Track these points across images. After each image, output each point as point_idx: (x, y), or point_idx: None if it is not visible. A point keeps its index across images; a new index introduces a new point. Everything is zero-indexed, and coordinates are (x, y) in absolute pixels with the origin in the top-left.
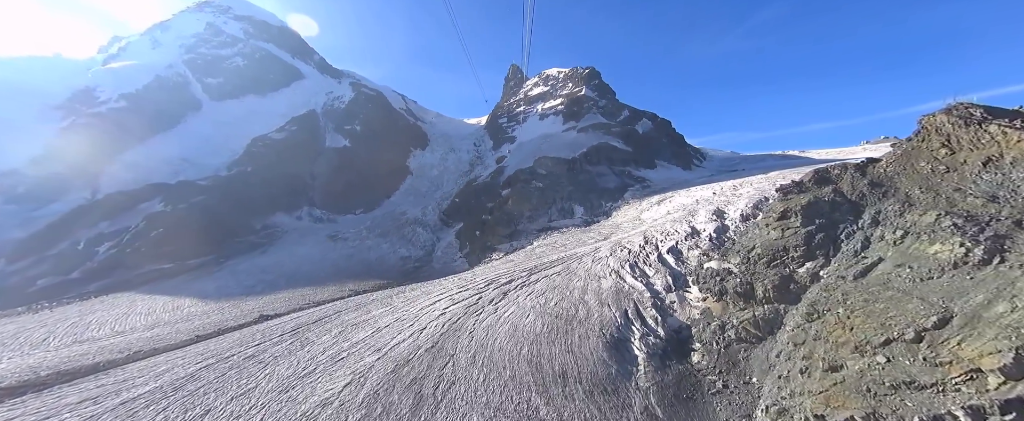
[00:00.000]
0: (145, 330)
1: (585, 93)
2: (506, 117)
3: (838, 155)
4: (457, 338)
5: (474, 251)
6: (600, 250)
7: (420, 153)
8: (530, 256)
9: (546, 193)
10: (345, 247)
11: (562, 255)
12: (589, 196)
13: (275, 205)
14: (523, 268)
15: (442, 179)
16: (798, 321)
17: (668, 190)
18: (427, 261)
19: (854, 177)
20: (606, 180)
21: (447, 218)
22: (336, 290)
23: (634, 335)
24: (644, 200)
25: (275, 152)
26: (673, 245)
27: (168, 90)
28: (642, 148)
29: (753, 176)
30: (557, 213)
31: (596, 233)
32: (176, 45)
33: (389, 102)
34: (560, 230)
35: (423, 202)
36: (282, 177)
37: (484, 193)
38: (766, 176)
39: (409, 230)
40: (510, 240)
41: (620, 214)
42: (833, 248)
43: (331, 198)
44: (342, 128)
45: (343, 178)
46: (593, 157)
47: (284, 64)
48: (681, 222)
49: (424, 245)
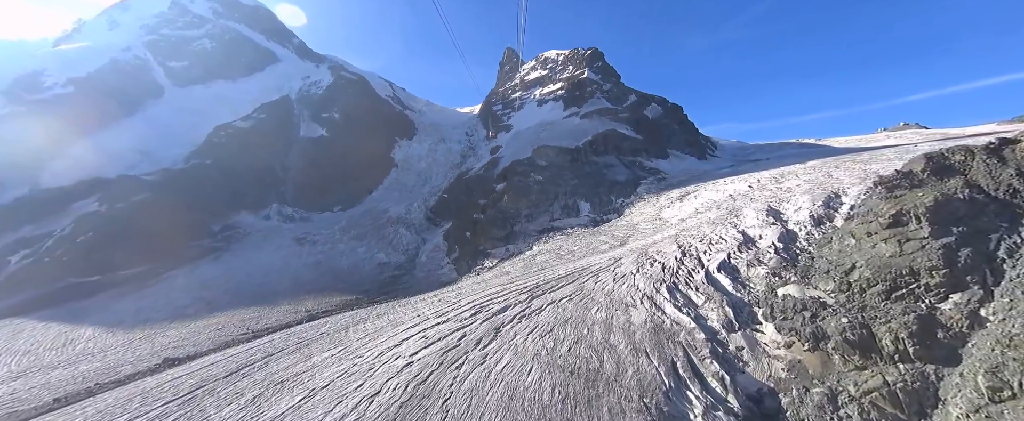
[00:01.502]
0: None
1: (587, 76)
2: (501, 104)
3: (862, 143)
4: (424, 414)
5: (464, 256)
6: (622, 262)
7: (406, 144)
8: (530, 267)
9: (547, 187)
10: (313, 252)
11: (571, 268)
12: (597, 191)
13: (239, 202)
14: (522, 286)
15: (430, 172)
16: (973, 399)
17: (689, 183)
18: (408, 268)
19: (990, 164)
20: (615, 172)
21: (435, 216)
22: (288, 311)
23: (693, 408)
24: (662, 195)
25: (239, 142)
26: (724, 259)
27: (124, 74)
28: (653, 136)
29: (789, 166)
30: (560, 211)
31: (609, 236)
32: (136, 26)
33: (373, 88)
34: (564, 231)
35: (408, 198)
36: (247, 170)
37: (476, 188)
38: (808, 165)
39: (390, 231)
40: (506, 243)
41: (635, 212)
42: (991, 272)
43: (305, 194)
44: (319, 116)
45: (319, 171)
46: (599, 146)
47: (258, 47)
48: (724, 225)
49: (406, 249)
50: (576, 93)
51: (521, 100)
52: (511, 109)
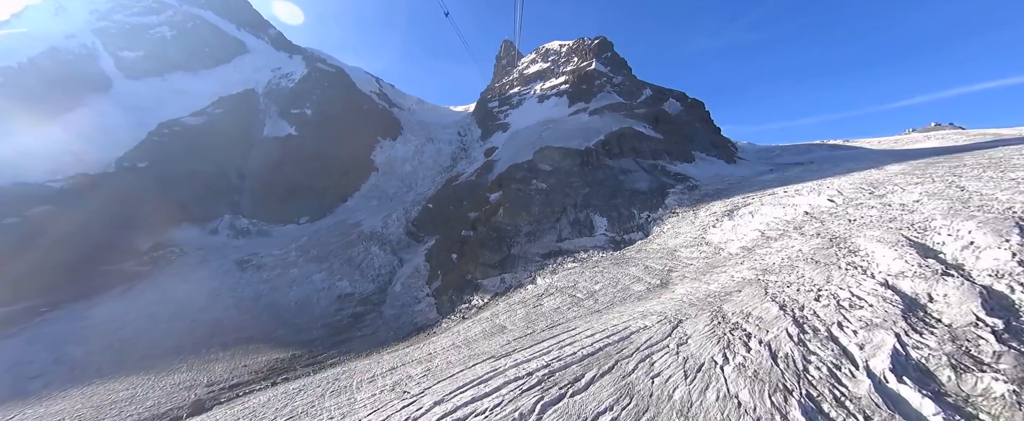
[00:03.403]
0: None
1: (596, 68)
2: (497, 100)
3: (894, 145)
4: None
5: (448, 287)
6: (686, 332)
7: (389, 144)
8: (534, 319)
9: (552, 198)
10: (256, 281)
11: (599, 334)
12: (614, 202)
13: (180, 214)
14: (524, 368)
15: (415, 177)
16: None
17: (730, 193)
18: (377, 303)
19: None
20: (634, 178)
21: (417, 230)
22: (179, 385)
23: None
24: (700, 209)
25: (185, 142)
26: (894, 349)
27: (64, 64)
28: (674, 135)
29: (858, 171)
30: (569, 227)
31: (641, 268)
32: (85, 11)
33: (352, 81)
34: (576, 256)
35: (388, 208)
36: (194, 175)
37: (467, 196)
38: (890, 171)
39: (360, 250)
40: (501, 270)
41: (668, 232)
42: None
43: (265, 203)
44: (288, 112)
45: (283, 176)
46: (613, 147)
47: (225, 36)
48: (839, 268)
49: (378, 274)
50: (583, 87)
51: (520, 96)
52: (508, 106)
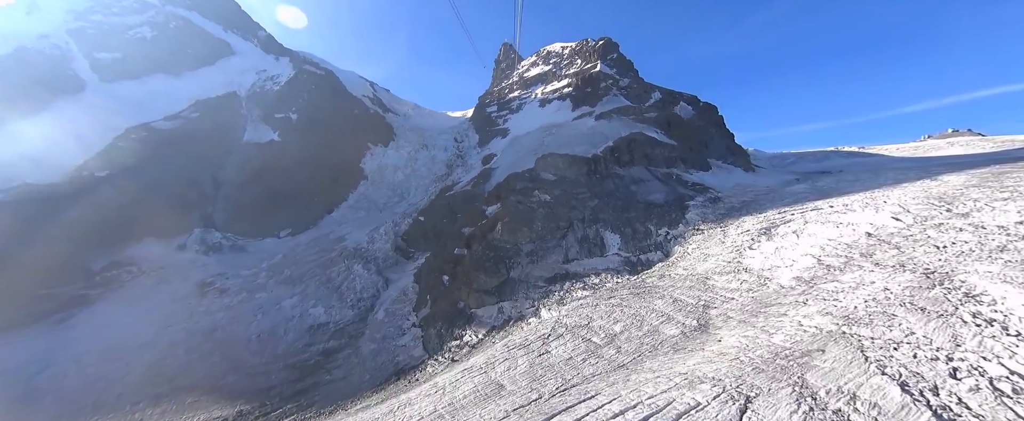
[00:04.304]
0: None
1: (601, 69)
2: (496, 105)
3: (915, 151)
4: None
5: (437, 317)
6: None
7: (380, 151)
8: (539, 374)
9: (557, 211)
10: (215, 307)
11: (631, 412)
12: (627, 216)
13: (145, 228)
14: None
15: (408, 186)
16: None
17: (760, 207)
18: (354, 335)
19: None
20: (648, 189)
21: (406, 246)
22: None
23: None
24: (728, 225)
25: (155, 149)
26: None
27: (32, 66)
28: (689, 141)
29: (913, 181)
30: (577, 246)
31: (669, 301)
32: (61, 11)
33: (342, 84)
34: (586, 282)
35: (376, 220)
36: (163, 185)
37: (462, 208)
38: (948, 182)
39: (341, 270)
40: (498, 298)
41: (694, 253)
42: None
43: (242, 214)
44: (272, 117)
45: (263, 185)
46: (623, 154)
47: (211, 38)
48: (982, 329)
49: (359, 298)
50: (587, 90)
51: (520, 100)
52: (508, 111)
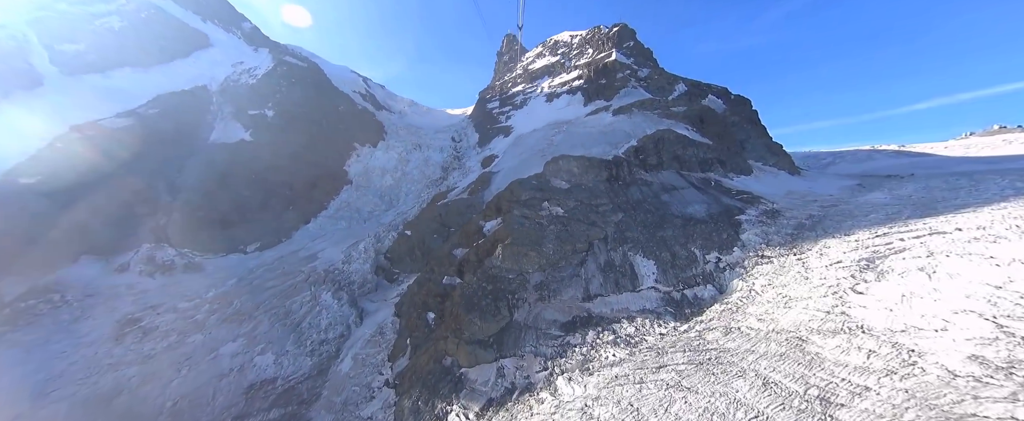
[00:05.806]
0: None
1: (617, 59)
2: (498, 100)
3: (967, 151)
4: None
5: (415, 379)
6: None
7: (368, 152)
8: None
9: (572, 228)
10: (129, 358)
11: None
12: (661, 235)
13: (83, 243)
14: None
15: (397, 192)
16: None
17: (839, 225)
18: (308, 397)
19: None
20: (684, 199)
21: (390, 266)
22: None
23: None
24: (806, 253)
25: (101, 150)
26: None
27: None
28: (724, 140)
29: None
30: (600, 276)
31: (758, 388)
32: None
33: (327, 77)
34: (618, 333)
35: (357, 233)
36: (106, 193)
37: (456, 221)
38: None
39: (305, 299)
40: (498, 353)
41: (765, 292)
42: None
43: (203, 226)
44: (244, 113)
45: (229, 192)
46: (650, 156)
47: (187, 29)
48: None
49: (323, 339)
50: (602, 82)
51: (524, 94)
52: (511, 106)
